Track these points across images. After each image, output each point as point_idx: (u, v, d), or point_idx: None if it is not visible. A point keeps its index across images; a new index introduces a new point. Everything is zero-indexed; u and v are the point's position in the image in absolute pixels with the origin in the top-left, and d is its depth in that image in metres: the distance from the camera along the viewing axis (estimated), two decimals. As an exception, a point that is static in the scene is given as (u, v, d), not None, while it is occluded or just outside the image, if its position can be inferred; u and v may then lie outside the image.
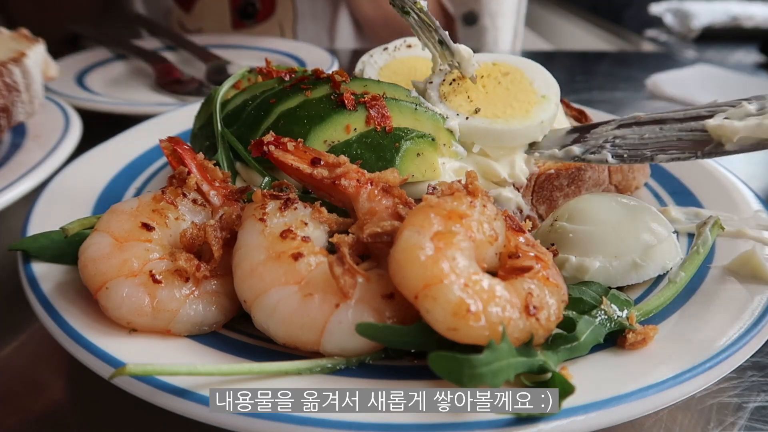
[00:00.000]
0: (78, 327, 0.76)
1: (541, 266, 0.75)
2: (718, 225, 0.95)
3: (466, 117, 1.01)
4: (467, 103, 1.04)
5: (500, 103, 1.04)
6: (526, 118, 1.02)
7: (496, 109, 1.03)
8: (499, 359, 0.65)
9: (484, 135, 1.01)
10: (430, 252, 0.70)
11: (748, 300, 0.82)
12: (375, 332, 0.70)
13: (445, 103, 1.04)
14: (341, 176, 0.83)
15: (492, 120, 1.01)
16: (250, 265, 0.77)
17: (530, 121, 1.02)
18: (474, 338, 0.67)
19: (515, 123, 1.01)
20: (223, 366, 0.69)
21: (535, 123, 1.02)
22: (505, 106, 1.04)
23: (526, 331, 0.70)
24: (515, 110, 1.03)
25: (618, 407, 0.65)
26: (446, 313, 0.67)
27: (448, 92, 1.06)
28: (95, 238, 0.82)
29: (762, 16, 3.23)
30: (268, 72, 1.13)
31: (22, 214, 0.99)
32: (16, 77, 1.31)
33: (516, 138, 1.02)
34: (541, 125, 1.03)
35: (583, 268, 0.87)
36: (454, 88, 1.06)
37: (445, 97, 1.05)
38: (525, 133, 1.02)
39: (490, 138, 1.01)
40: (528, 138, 1.04)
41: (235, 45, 2.20)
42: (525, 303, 0.71)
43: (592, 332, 0.75)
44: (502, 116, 1.02)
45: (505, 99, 1.05)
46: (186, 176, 0.88)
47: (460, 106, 1.04)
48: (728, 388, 0.85)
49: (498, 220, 0.78)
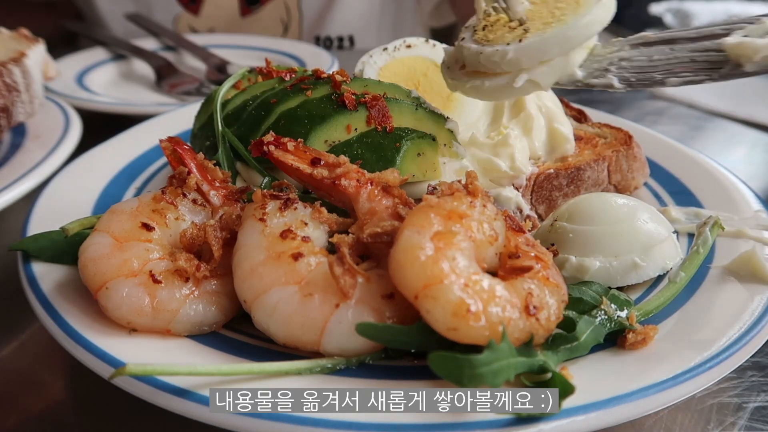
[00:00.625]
0: (78, 327, 0.76)
1: (541, 266, 0.75)
2: (718, 225, 0.95)
3: (519, 41, 0.90)
4: (510, 32, 0.94)
5: (545, 12, 0.93)
6: (578, 6, 0.90)
7: (543, 18, 0.92)
8: (500, 359, 0.65)
9: (544, 49, 0.89)
10: (430, 252, 0.70)
11: (748, 300, 0.82)
12: (375, 332, 0.70)
13: (489, 44, 0.93)
14: (341, 176, 0.83)
15: (544, 30, 0.90)
16: (250, 265, 0.77)
17: (585, 6, 0.90)
18: (474, 338, 0.67)
19: (570, 19, 0.90)
20: (223, 366, 0.69)
21: (592, 3, 0.90)
22: (551, 12, 0.92)
23: (526, 331, 0.70)
24: (564, 8, 0.92)
25: (618, 407, 0.65)
26: (446, 313, 0.67)
27: (485, 36, 0.96)
28: (95, 238, 0.82)
29: (762, 16, 3.23)
30: (268, 72, 1.13)
31: (22, 214, 0.99)
32: (16, 77, 1.31)
33: (580, 34, 0.89)
34: (601, 4, 0.90)
35: (583, 268, 0.87)
36: (488, 30, 0.96)
37: (486, 39, 0.95)
38: (589, 21, 0.89)
39: (552, 49, 0.89)
40: (594, 27, 0.90)
41: (235, 45, 2.20)
42: (525, 303, 0.70)
43: (592, 332, 0.75)
44: (553, 20, 0.91)
45: (548, 7, 0.94)
46: (186, 176, 0.88)
47: (504, 37, 0.93)
48: (728, 388, 0.85)
49: (498, 220, 0.78)
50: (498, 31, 0.94)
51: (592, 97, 2.04)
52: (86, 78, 1.90)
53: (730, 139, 1.75)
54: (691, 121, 1.87)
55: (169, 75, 1.91)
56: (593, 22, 0.89)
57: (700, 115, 1.90)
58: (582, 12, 0.89)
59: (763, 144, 1.72)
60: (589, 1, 0.90)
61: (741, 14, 0.89)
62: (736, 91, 2.06)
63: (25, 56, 1.35)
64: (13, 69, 1.31)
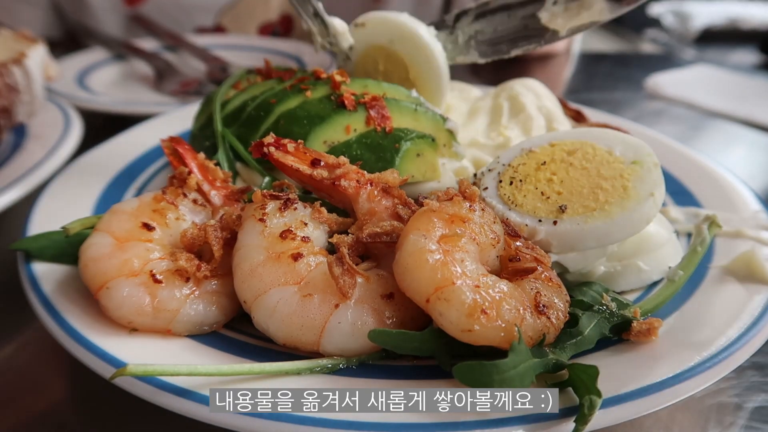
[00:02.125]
0: (78, 327, 0.76)
1: (542, 268, 0.75)
2: (716, 223, 0.95)
3: (554, 222, 0.81)
4: (544, 201, 0.83)
5: (585, 188, 0.83)
6: (626, 198, 0.81)
7: (584, 198, 0.82)
8: (523, 361, 0.65)
9: (581, 241, 0.81)
10: (438, 255, 0.70)
11: (747, 300, 0.82)
12: (388, 339, 0.70)
13: (517, 209, 0.84)
14: (341, 177, 0.83)
15: (584, 218, 0.80)
16: (250, 265, 0.77)
17: (634, 199, 0.81)
18: (489, 339, 0.67)
19: (616, 212, 0.80)
20: (223, 366, 0.69)
21: (642, 199, 0.81)
22: (592, 190, 0.83)
23: (538, 330, 0.70)
24: (609, 192, 0.82)
25: (618, 407, 0.65)
26: (461, 315, 0.67)
27: (512, 193, 0.86)
28: (96, 238, 0.82)
29: (761, 16, 3.23)
30: (268, 72, 1.13)
31: (22, 214, 0.99)
32: (16, 78, 1.31)
33: (625, 232, 0.81)
34: (653, 200, 0.81)
35: (588, 273, 0.87)
36: (516, 185, 0.86)
37: (513, 202, 0.85)
38: (636, 218, 0.80)
39: (589, 242, 0.81)
40: (641, 225, 0.81)
41: (235, 45, 2.21)
42: (535, 302, 0.71)
43: (596, 326, 0.75)
44: (596, 206, 0.81)
45: (589, 181, 0.84)
46: (187, 176, 0.88)
47: (538, 208, 0.83)
48: (728, 388, 0.85)
49: (497, 223, 0.78)
50: (528, 195, 0.85)
51: (591, 97, 2.04)
52: (87, 78, 1.90)
53: (729, 139, 1.75)
54: (690, 121, 1.87)
55: (169, 75, 1.91)
56: (641, 219, 0.81)
57: (699, 115, 1.90)
58: (630, 206, 0.80)
59: (763, 144, 1.72)
60: (638, 194, 0.81)
61: (739, 13, 0.89)
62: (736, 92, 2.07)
63: (25, 57, 1.35)
64: (14, 69, 1.31)
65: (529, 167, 0.88)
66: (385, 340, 0.70)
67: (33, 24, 2.38)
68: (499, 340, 0.67)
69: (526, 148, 0.90)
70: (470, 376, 0.64)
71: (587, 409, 0.62)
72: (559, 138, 0.91)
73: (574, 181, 0.84)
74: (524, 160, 0.89)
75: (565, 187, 0.84)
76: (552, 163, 0.87)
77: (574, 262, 0.85)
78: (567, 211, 0.81)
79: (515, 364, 0.64)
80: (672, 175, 1.18)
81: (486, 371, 0.63)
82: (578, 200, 0.82)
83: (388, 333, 0.70)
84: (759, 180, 1.50)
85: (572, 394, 0.67)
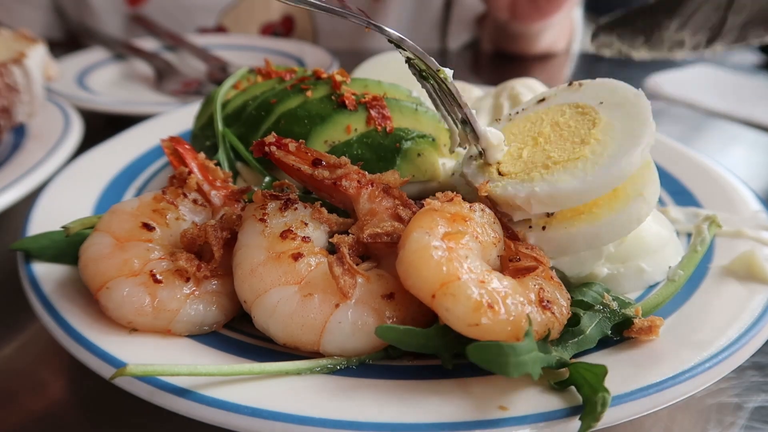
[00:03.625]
0: (78, 327, 0.76)
1: (542, 267, 0.75)
2: (716, 223, 0.95)
3: (543, 227, 0.81)
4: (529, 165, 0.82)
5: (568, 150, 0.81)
6: (614, 198, 0.79)
7: (568, 152, 0.81)
8: (534, 350, 0.65)
9: (569, 245, 0.81)
10: (442, 251, 0.70)
11: (747, 300, 0.82)
12: (396, 336, 0.70)
13: (503, 210, 0.84)
14: (342, 177, 0.83)
15: (571, 223, 0.80)
16: (250, 265, 0.77)
17: (623, 200, 0.79)
18: (496, 334, 0.67)
19: (604, 213, 0.79)
20: (223, 366, 0.69)
21: (631, 199, 0.79)
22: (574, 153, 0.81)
23: (543, 325, 0.70)
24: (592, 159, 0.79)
25: (618, 407, 0.65)
26: (467, 309, 0.67)
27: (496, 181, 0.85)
28: (96, 238, 0.82)
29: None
30: (268, 72, 1.13)
31: (22, 214, 0.99)
32: (16, 78, 1.31)
33: (613, 233, 0.79)
34: (642, 200, 0.79)
35: (591, 276, 0.87)
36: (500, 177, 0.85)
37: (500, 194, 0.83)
38: (626, 219, 0.79)
39: (579, 245, 0.80)
40: (631, 226, 0.80)
41: (235, 45, 2.21)
42: (539, 297, 0.71)
43: (597, 325, 0.75)
44: (583, 211, 0.80)
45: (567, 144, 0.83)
46: (187, 176, 0.88)
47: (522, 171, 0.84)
48: (728, 388, 0.85)
49: (497, 224, 0.78)
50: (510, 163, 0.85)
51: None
52: (87, 78, 1.90)
53: (729, 140, 1.75)
54: (690, 121, 1.87)
55: (170, 75, 1.91)
56: (630, 220, 0.79)
57: (699, 115, 1.90)
58: (617, 207, 0.79)
59: (763, 144, 1.72)
60: (627, 195, 0.79)
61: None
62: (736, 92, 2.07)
63: (25, 57, 1.35)
64: (14, 69, 1.31)
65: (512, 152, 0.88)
66: (392, 337, 0.70)
67: (33, 24, 2.39)
68: (506, 334, 0.67)
69: (503, 148, 0.87)
70: (483, 355, 0.63)
71: (600, 406, 0.62)
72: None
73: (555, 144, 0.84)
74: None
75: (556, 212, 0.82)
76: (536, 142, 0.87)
77: (569, 267, 0.85)
78: (555, 215, 0.81)
79: (530, 348, 0.64)
80: (672, 175, 1.18)
81: (501, 352, 0.62)
82: (566, 213, 0.81)
83: (395, 329, 0.70)
84: (759, 180, 1.50)
85: (575, 393, 0.67)
